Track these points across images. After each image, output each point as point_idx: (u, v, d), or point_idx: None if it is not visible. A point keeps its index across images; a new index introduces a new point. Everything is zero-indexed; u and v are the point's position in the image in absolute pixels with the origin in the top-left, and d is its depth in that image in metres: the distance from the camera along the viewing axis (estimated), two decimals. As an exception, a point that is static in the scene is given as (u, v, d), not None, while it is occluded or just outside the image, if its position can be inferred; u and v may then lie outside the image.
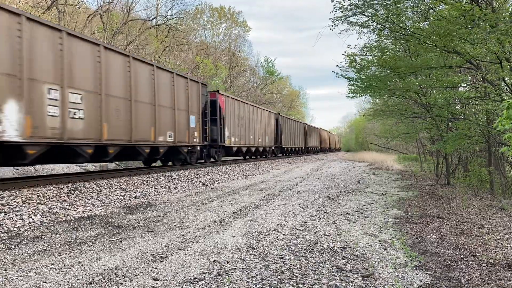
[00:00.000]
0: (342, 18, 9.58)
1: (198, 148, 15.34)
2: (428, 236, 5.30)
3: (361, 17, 9.70)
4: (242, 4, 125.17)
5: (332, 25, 9.96)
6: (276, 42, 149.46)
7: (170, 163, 15.34)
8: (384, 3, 9.36)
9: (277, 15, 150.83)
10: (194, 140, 14.77)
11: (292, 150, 35.91)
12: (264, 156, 26.84)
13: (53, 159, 9.15)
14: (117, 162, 17.66)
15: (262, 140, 25.36)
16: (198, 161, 16.59)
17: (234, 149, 20.16)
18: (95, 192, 8.20)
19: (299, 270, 3.71)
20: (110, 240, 4.84)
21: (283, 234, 5.09)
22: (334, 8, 9.52)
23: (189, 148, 14.70)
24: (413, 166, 23.60)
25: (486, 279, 3.70)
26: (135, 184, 9.73)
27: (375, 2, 9.26)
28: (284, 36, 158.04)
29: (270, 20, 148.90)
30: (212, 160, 18.26)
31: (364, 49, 12.68)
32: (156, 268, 3.77)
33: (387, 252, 4.44)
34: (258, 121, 24.76)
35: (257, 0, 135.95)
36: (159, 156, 12.88)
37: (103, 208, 7.11)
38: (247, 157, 24.28)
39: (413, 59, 12.04)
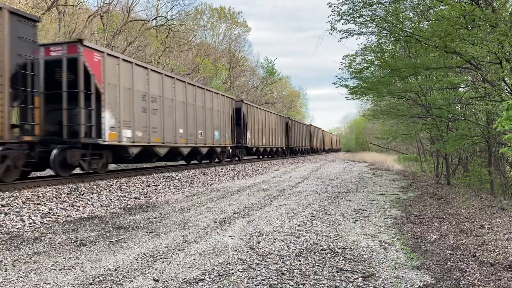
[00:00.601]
0: (341, 22, 9.62)
1: None
2: (428, 237, 5.30)
3: (359, 20, 9.73)
4: (243, 4, 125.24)
5: (331, 29, 10.02)
6: (277, 42, 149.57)
7: None
8: (383, 2, 9.38)
9: (278, 15, 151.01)
10: None
11: (267, 151, 27.58)
12: (214, 161, 18.38)
13: None
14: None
15: (204, 136, 16.34)
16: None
17: (133, 150, 11.31)
18: (95, 193, 8.20)
19: (299, 271, 3.71)
20: (110, 241, 4.84)
21: (283, 235, 5.10)
22: (333, 12, 9.56)
23: None
24: (413, 166, 23.61)
25: (486, 279, 3.70)
26: (135, 184, 9.73)
27: (374, 0, 9.27)
28: (285, 36, 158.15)
29: (270, 20, 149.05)
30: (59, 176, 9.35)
31: (364, 49, 12.70)
32: (156, 269, 3.77)
33: (387, 252, 4.44)
34: (201, 108, 16.12)
35: (258, 0, 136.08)
36: None
37: (103, 209, 7.12)
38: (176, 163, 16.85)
39: (413, 59, 12.06)
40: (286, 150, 33.16)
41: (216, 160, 18.69)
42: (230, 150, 20.25)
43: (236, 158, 21.66)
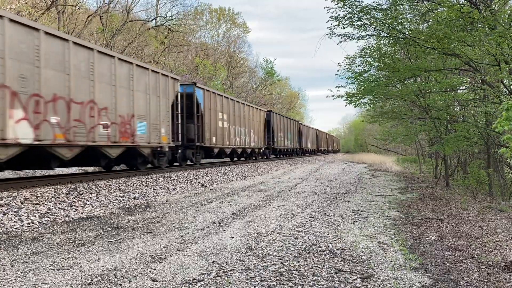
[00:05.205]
0: (340, 27, 9.66)
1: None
2: (427, 238, 5.31)
3: (357, 24, 9.76)
4: (247, 4, 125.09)
5: (330, 34, 10.07)
6: (279, 43, 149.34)
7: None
8: (379, 7, 9.39)
9: (281, 15, 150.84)
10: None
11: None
12: (252, 159, 23.71)
13: None
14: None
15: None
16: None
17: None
18: (94, 193, 8.19)
19: (298, 272, 3.71)
20: (109, 241, 4.83)
21: (282, 236, 5.09)
22: (331, 18, 9.59)
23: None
24: (412, 167, 23.64)
25: (485, 281, 3.71)
26: (134, 185, 9.71)
27: (371, 6, 9.29)
28: (287, 37, 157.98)
29: (274, 21, 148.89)
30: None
31: (363, 51, 12.71)
32: (155, 269, 3.77)
33: (386, 253, 4.44)
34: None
35: (262, 0, 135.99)
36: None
37: (102, 209, 7.11)
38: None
39: (412, 61, 12.08)
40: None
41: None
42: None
43: (265, 157, 26.99)
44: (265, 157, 26.93)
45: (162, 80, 12.83)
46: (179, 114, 14.19)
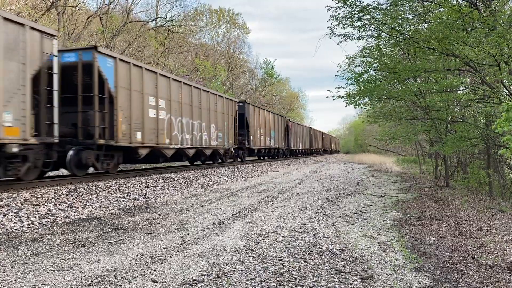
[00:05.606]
0: (340, 26, 9.68)
1: None
2: (427, 238, 5.31)
3: (357, 24, 9.78)
4: (247, 5, 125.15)
5: (330, 33, 10.09)
6: (279, 43, 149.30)
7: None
8: (379, 7, 9.40)
9: (281, 16, 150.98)
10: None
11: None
12: (217, 162, 18.29)
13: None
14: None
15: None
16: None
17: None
18: (94, 194, 8.19)
19: (298, 272, 3.71)
20: (109, 242, 4.83)
21: (282, 236, 5.09)
22: (331, 17, 9.61)
23: None
24: (412, 168, 23.66)
25: (485, 281, 3.71)
26: (134, 185, 9.71)
27: (371, 6, 9.29)
28: (287, 37, 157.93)
29: (274, 21, 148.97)
30: None
31: (363, 51, 12.72)
32: (155, 270, 3.77)
33: (386, 254, 4.44)
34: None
35: (263, 1, 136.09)
36: None
37: (102, 210, 7.11)
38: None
39: (412, 61, 12.08)
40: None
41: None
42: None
43: (239, 159, 21.52)
44: (238, 159, 21.40)
45: (10, 29, 7.31)
46: (55, 92, 8.49)
